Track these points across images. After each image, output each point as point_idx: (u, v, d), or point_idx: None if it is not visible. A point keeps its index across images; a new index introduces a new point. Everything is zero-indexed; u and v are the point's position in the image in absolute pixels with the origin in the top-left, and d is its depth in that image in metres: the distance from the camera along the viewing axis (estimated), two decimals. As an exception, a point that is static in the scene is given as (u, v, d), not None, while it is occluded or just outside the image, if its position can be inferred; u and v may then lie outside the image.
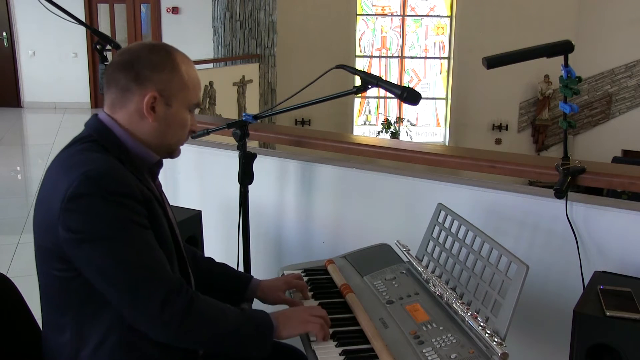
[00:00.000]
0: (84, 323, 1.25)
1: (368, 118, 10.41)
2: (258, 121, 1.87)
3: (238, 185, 1.88)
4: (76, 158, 1.24)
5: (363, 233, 2.13)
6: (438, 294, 1.44)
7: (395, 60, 10.31)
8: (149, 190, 1.30)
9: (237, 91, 7.24)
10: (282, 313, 1.38)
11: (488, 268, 1.37)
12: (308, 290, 1.59)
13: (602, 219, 1.73)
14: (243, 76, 7.36)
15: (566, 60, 1.66)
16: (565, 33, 7.76)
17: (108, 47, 2.90)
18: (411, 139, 9.87)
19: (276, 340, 1.34)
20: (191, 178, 2.58)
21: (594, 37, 9.25)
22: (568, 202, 1.73)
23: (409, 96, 1.56)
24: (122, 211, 1.18)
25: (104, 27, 10.29)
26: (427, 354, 1.24)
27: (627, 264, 1.68)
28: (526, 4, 9.53)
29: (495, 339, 1.20)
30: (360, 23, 10.11)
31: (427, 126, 10.44)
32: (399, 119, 10.22)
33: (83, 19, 3.80)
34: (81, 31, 9.60)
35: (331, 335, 1.37)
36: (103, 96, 1.32)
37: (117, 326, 1.23)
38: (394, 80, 10.08)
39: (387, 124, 10.02)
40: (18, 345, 1.40)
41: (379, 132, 10.06)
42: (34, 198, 1.32)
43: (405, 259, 1.66)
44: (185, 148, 1.48)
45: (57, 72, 10.31)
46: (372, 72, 2.79)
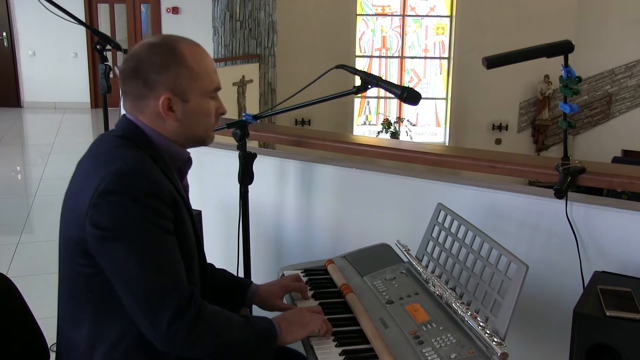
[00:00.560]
0: (103, 320, 1.25)
1: (368, 118, 10.40)
2: (258, 121, 1.87)
3: (238, 185, 1.88)
4: (110, 154, 1.25)
5: (363, 233, 2.13)
6: (438, 294, 1.44)
7: (395, 60, 10.30)
8: (177, 191, 1.29)
9: (237, 91, 7.22)
10: (284, 318, 1.36)
11: (488, 268, 1.37)
12: (308, 290, 1.58)
13: (602, 219, 1.73)
14: (243, 76, 7.34)
15: (566, 60, 1.66)
16: (565, 33, 7.75)
17: (108, 47, 2.91)
18: (411, 139, 9.85)
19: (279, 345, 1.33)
20: (191, 178, 2.54)
21: (594, 37, 9.24)
22: (568, 202, 1.73)
23: (409, 96, 1.56)
24: (149, 214, 1.18)
25: (104, 27, 10.29)
26: (427, 354, 1.24)
27: (627, 264, 1.68)
28: (526, 4, 9.52)
29: (495, 339, 1.20)
30: (360, 23, 10.10)
31: (427, 126, 10.43)
32: (399, 119, 10.21)
33: (83, 19, 3.80)
34: (81, 31, 9.60)
35: (331, 335, 1.37)
36: (103, 96, 1.31)
37: (135, 326, 1.21)
38: (394, 80, 10.08)
39: (387, 124, 10.01)
40: (18, 345, 1.40)
41: (379, 132, 10.05)
42: (34, 198, 1.32)
43: (405, 259, 1.66)
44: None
45: (57, 72, 10.31)
46: (372, 72, 2.79)
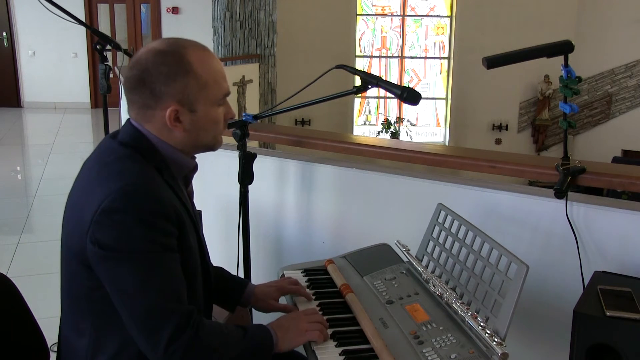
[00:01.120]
0: (103, 332, 1.24)
1: (368, 118, 10.40)
2: (258, 121, 1.87)
3: (238, 185, 1.88)
4: (115, 167, 1.21)
5: (363, 233, 2.13)
6: (438, 294, 1.44)
7: (395, 60, 10.31)
8: (182, 201, 1.28)
9: (237, 91, 7.22)
10: (280, 325, 1.35)
11: (488, 268, 1.37)
12: (308, 290, 1.58)
13: (602, 219, 1.73)
14: (243, 76, 7.34)
15: (566, 60, 1.66)
16: (565, 33, 7.77)
17: (108, 47, 2.91)
18: (411, 139, 9.85)
19: None
20: (191, 178, 2.57)
21: (594, 37, 9.24)
22: (568, 202, 1.73)
23: (409, 96, 1.56)
24: (152, 233, 1.16)
25: (104, 27, 10.29)
26: (427, 354, 1.24)
27: (627, 264, 1.68)
28: (526, 4, 9.52)
29: (495, 339, 1.20)
30: (360, 23, 10.10)
31: (427, 126, 10.43)
32: (399, 119, 10.21)
33: (83, 19, 3.80)
34: (81, 31, 9.61)
35: (331, 335, 1.38)
36: (103, 96, 1.29)
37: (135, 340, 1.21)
38: (394, 80, 10.08)
39: (387, 124, 10.01)
40: (18, 345, 1.40)
41: (379, 132, 10.05)
42: (34, 198, 1.32)
43: (405, 259, 1.66)
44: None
45: (57, 72, 10.32)
46: (372, 72, 2.79)
